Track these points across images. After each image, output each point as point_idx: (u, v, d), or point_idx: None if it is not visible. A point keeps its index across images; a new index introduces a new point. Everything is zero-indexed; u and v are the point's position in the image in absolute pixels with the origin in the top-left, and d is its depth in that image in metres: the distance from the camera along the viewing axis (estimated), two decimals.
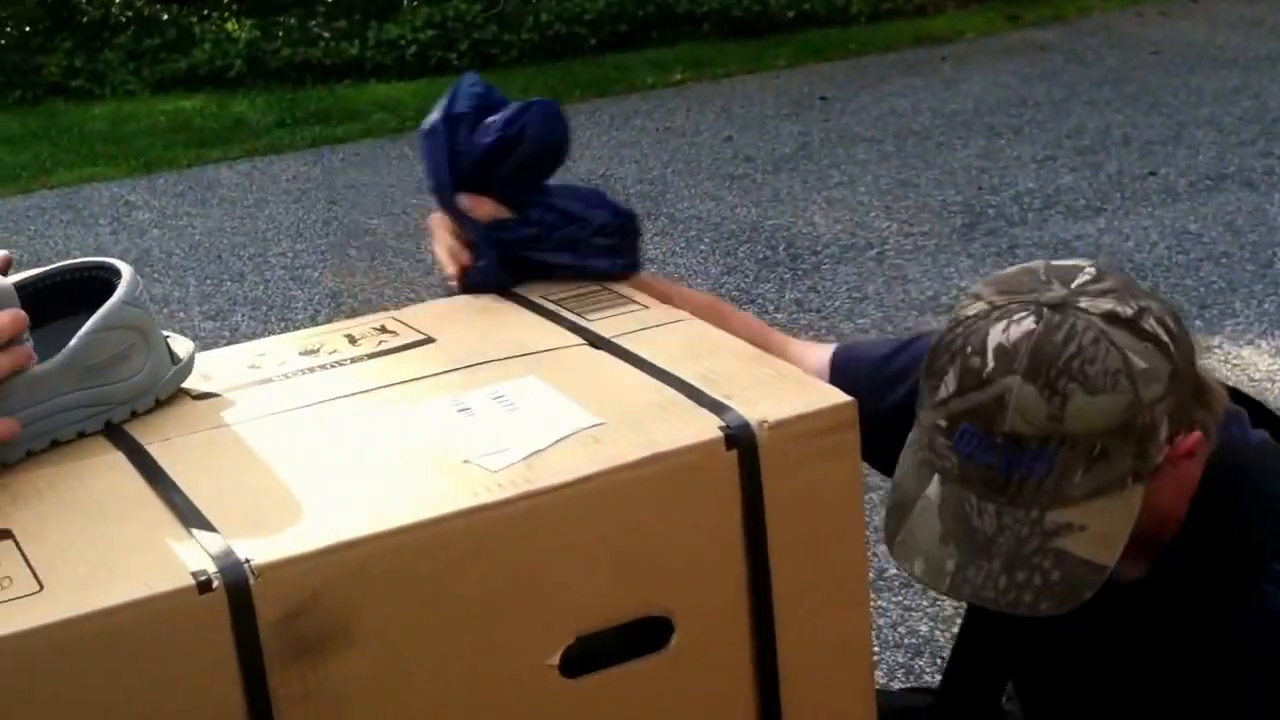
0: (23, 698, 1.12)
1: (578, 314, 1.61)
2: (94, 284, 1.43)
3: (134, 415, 1.40)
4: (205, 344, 5.54)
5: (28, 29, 12.03)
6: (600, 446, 1.32)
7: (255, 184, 8.16)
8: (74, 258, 5.27)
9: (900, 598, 3.72)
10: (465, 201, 1.71)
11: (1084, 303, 1.54)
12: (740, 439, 1.33)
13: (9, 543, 1.22)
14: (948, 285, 5.81)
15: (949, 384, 1.56)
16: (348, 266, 6.67)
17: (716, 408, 1.37)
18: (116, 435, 1.39)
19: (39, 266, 1.47)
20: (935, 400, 1.58)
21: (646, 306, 1.63)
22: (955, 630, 3.55)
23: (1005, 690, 2.02)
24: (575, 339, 1.55)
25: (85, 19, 12.40)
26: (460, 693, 1.28)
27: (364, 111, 9.54)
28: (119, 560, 1.19)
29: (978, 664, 2.00)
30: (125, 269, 1.43)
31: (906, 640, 3.59)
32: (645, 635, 1.35)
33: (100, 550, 1.20)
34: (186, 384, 1.48)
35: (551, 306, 1.64)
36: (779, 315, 5.61)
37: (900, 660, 3.52)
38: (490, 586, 1.27)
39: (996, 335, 1.54)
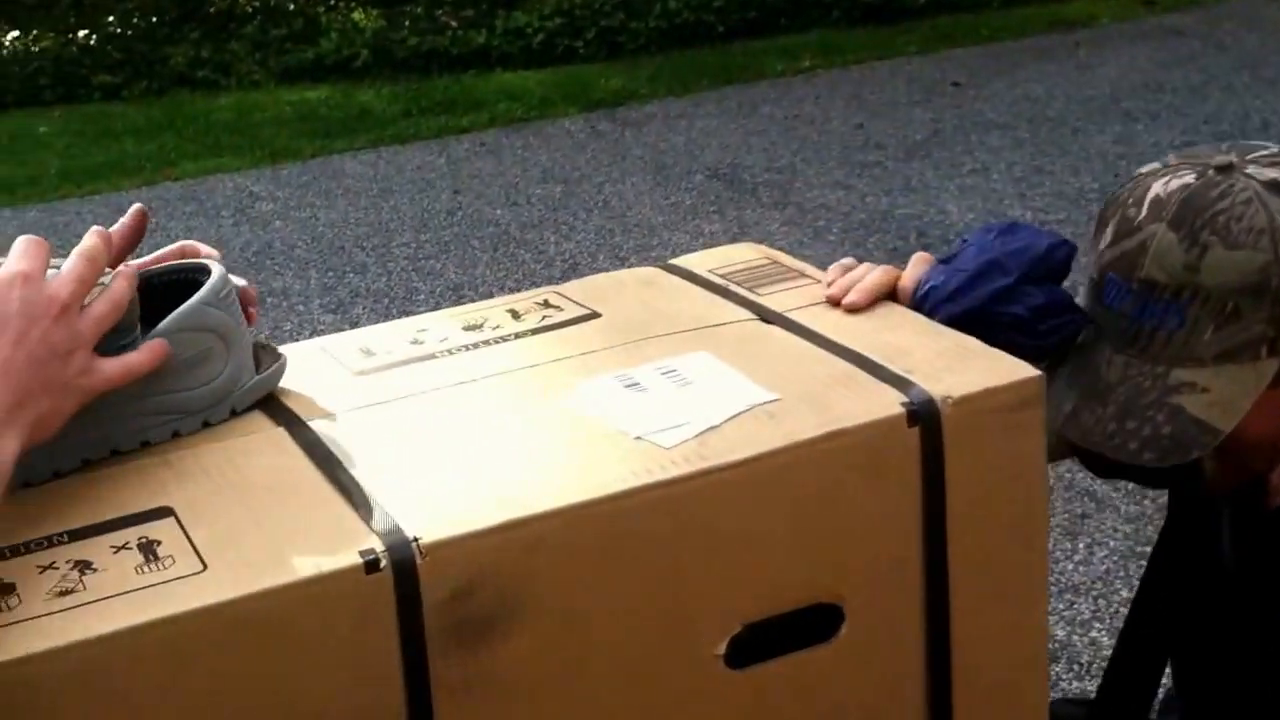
0: (185, 678, 1.09)
1: (748, 288, 1.56)
2: (189, 286, 1.36)
3: (206, 426, 1.33)
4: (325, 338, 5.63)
5: (154, 20, 12.14)
6: (776, 423, 1.27)
7: (380, 174, 8.15)
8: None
9: None
10: None
11: (1250, 169, 1.54)
12: (923, 415, 1.28)
13: (171, 520, 1.19)
14: (1084, 273, 5.69)
15: (1106, 236, 1.58)
16: (470, 258, 6.64)
17: (898, 382, 1.31)
18: (278, 411, 1.35)
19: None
20: (1095, 254, 1.60)
21: (819, 280, 1.57)
22: (1091, 635, 3.49)
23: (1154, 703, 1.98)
24: (746, 313, 1.50)
25: (212, 9, 12.50)
26: (624, 681, 1.24)
27: (490, 101, 9.53)
28: (284, 539, 1.15)
29: (1136, 669, 1.95)
30: (216, 269, 1.37)
31: None
32: (813, 623, 1.30)
33: (265, 530, 1.17)
34: (353, 361, 1.45)
35: (720, 281, 1.59)
36: None
37: None
38: (660, 568, 1.23)
39: (1156, 188, 1.55)
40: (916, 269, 1.54)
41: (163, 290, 1.37)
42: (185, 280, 1.38)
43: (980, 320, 1.48)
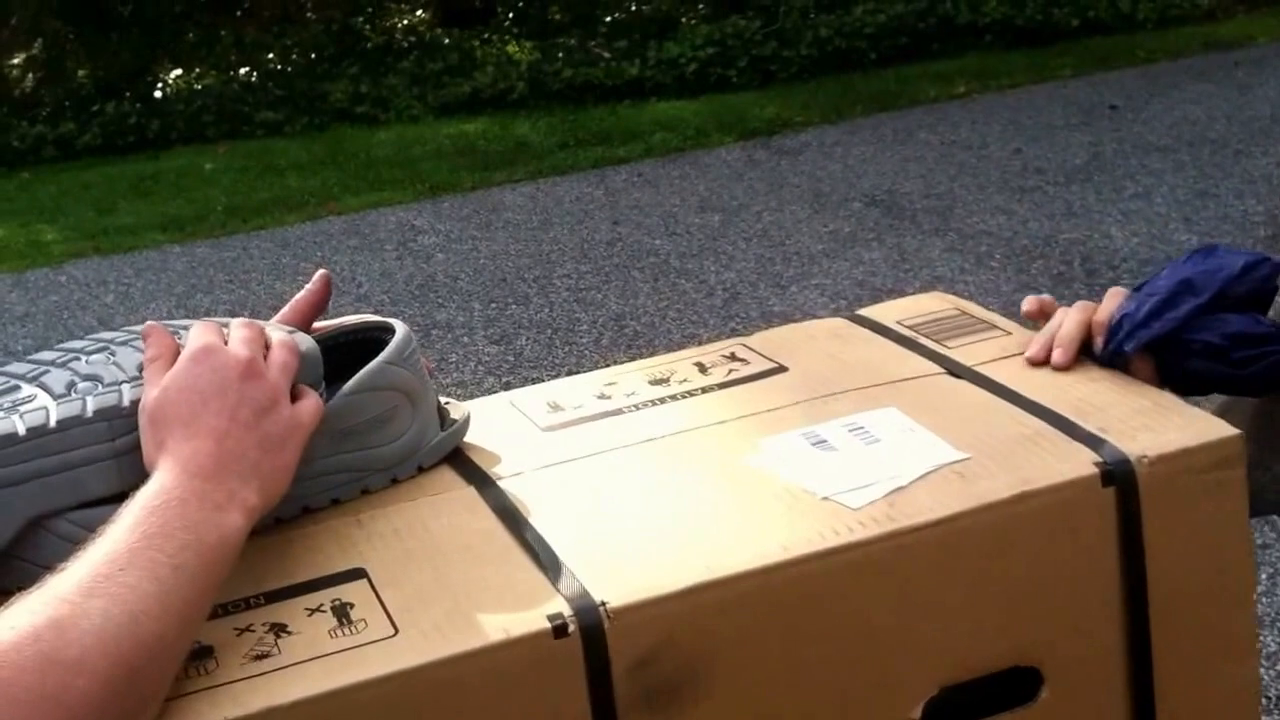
0: None
1: (937, 341, 1.54)
2: (372, 345, 1.38)
3: (394, 483, 1.34)
4: (489, 369, 5.66)
5: (313, 56, 12.33)
6: (966, 483, 1.25)
7: (539, 206, 8.20)
8: (359, 283, 5.35)
9: None
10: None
11: None
12: (1118, 475, 1.25)
13: (364, 582, 1.20)
14: None
15: None
16: (631, 288, 6.66)
17: (1091, 441, 1.29)
18: (469, 469, 1.36)
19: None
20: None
21: (1009, 333, 1.55)
22: (1278, 669, 3.41)
23: None
24: (934, 367, 1.48)
25: (370, 45, 12.68)
26: None
27: (645, 131, 9.57)
28: (473, 603, 1.15)
29: None
30: (400, 328, 1.37)
31: None
32: (1011, 687, 1.27)
33: (455, 593, 1.17)
34: (541, 416, 1.45)
35: (908, 333, 1.57)
36: None
37: None
38: (851, 631, 1.21)
39: None
40: (1111, 302, 1.50)
41: (347, 350, 1.39)
42: (368, 339, 1.39)
43: (1172, 347, 1.44)
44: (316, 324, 1.42)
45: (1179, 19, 11.06)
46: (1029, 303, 1.53)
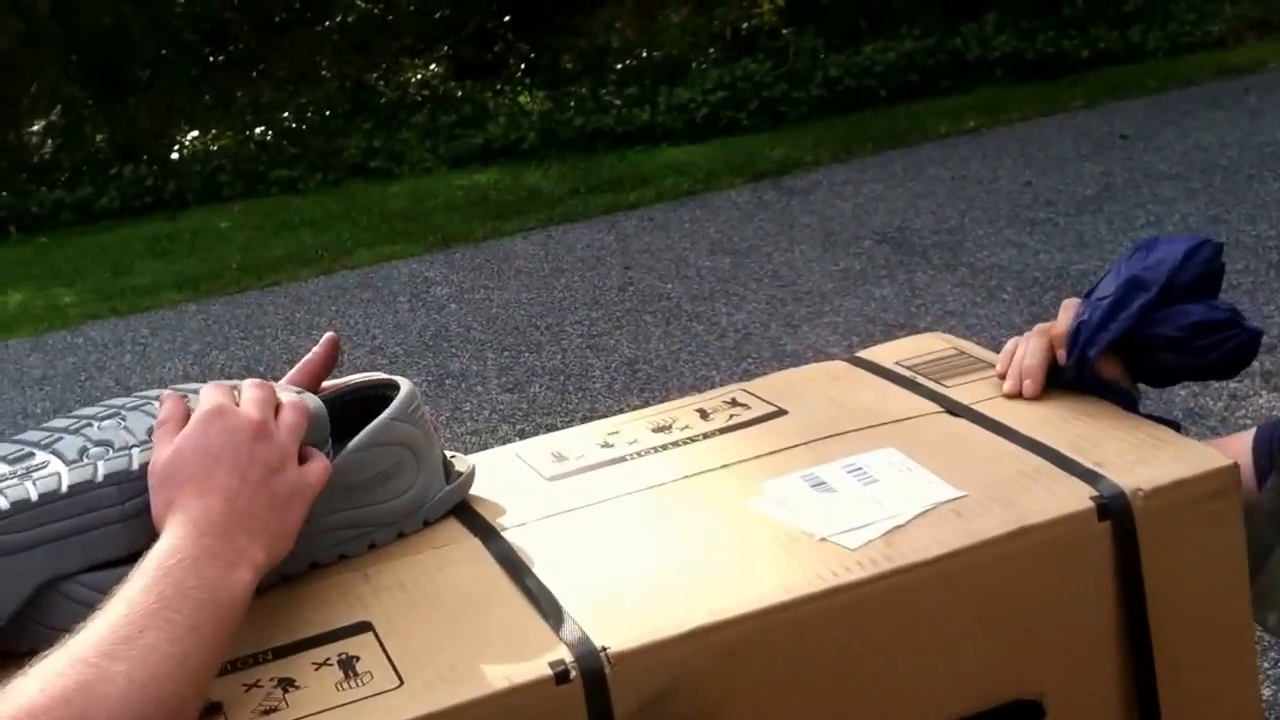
0: None
1: (935, 380, 1.56)
2: (378, 402, 1.40)
3: (401, 537, 1.36)
4: (503, 417, 5.66)
5: (328, 113, 12.39)
6: (964, 520, 1.27)
7: (550, 254, 8.22)
8: (373, 335, 5.36)
9: None
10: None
11: None
12: (1114, 509, 1.27)
13: (370, 635, 1.21)
14: (1267, 323, 5.60)
15: None
16: (644, 332, 6.66)
17: (1087, 476, 1.30)
18: (473, 521, 1.38)
19: (339, 348, 1.45)
20: None
21: None
22: None
23: None
24: (933, 406, 1.50)
25: (383, 100, 12.73)
26: None
27: (656, 176, 9.59)
28: (477, 652, 1.17)
29: None
30: (405, 384, 1.39)
31: None
32: (1015, 719, 1.28)
33: (459, 643, 1.19)
34: (545, 466, 1.46)
35: (907, 373, 1.59)
36: None
37: None
38: (853, 671, 1.22)
39: None
40: (1066, 315, 1.51)
41: (353, 407, 1.40)
42: (374, 396, 1.41)
43: (1135, 344, 1.46)
44: (325, 383, 1.44)
45: (1190, 47, 11.05)
46: (1003, 359, 1.55)
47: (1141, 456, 1.33)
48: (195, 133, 12.71)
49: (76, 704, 1.03)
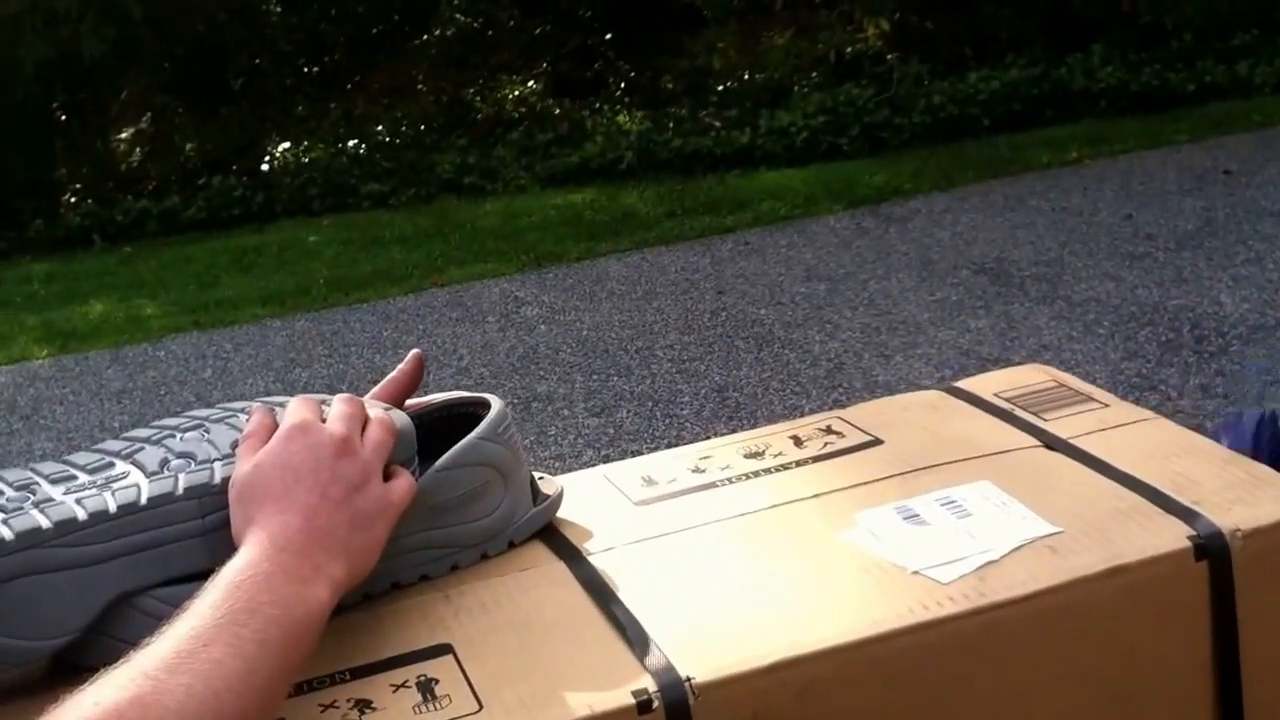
0: None
1: (1034, 413, 1.53)
2: (468, 420, 1.38)
3: (484, 558, 1.34)
4: (589, 442, 5.66)
5: (422, 129, 12.44)
6: (1058, 557, 1.24)
7: (643, 276, 8.21)
8: (460, 356, 5.38)
9: None
10: None
11: None
12: (1211, 549, 1.24)
13: (449, 658, 1.20)
14: None
15: None
16: (735, 359, 6.64)
17: (1185, 514, 1.27)
18: (559, 544, 1.36)
19: (426, 368, 1.45)
20: None
21: (1107, 405, 1.54)
22: None
23: None
24: (1030, 440, 1.47)
25: (480, 116, 12.79)
26: None
27: (753, 200, 9.57)
28: (559, 679, 1.15)
29: None
30: (496, 403, 1.38)
31: None
32: None
33: (540, 668, 1.17)
34: (634, 490, 1.45)
35: (1005, 405, 1.56)
36: (1183, 402, 5.40)
37: None
38: (941, 709, 1.20)
39: None
40: None
41: (442, 425, 1.39)
42: (464, 414, 1.40)
43: None
44: (411, 401, 1.43)
45: None
46: None
47: (1241, 496, 1.30)
48: (286, 144, 12.79)
49: (130, 717, 1.01)
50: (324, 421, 1.26)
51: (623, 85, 13.38)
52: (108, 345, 8.25)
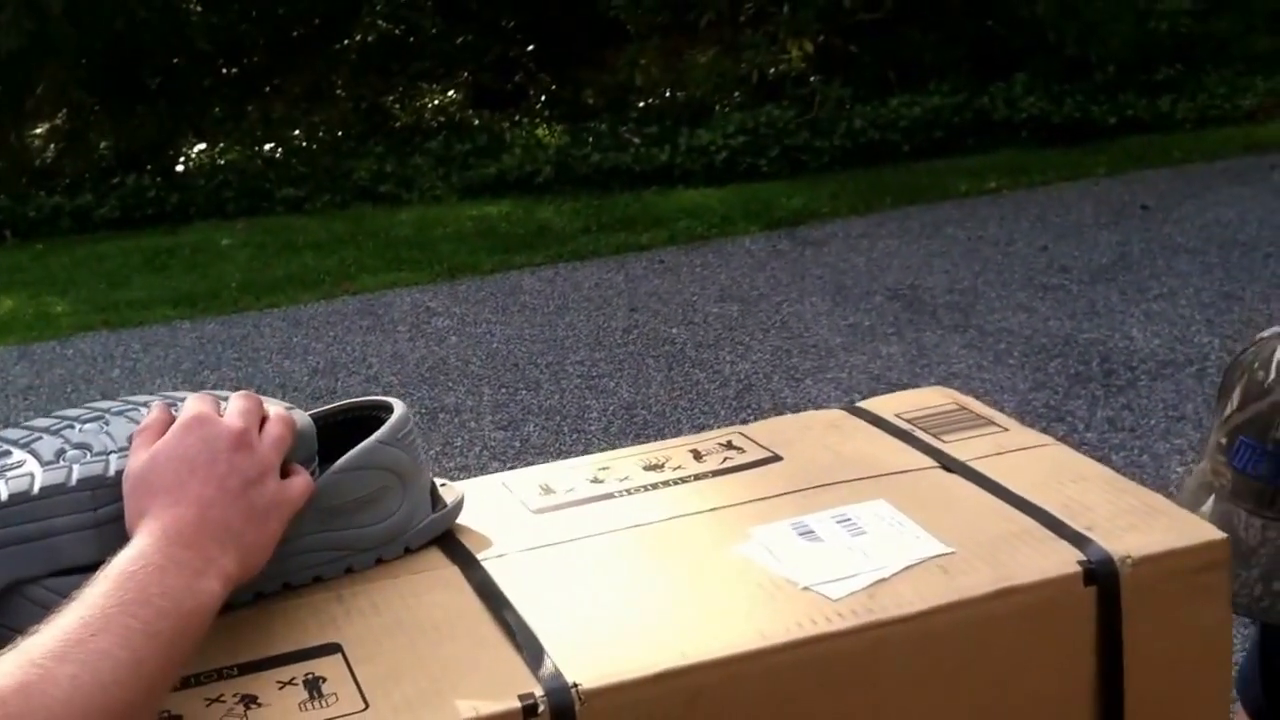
0: None
1: (933, 434, 1.54)
2: (371, 423, 1.37)
3: (379, 562, 1.33)
4: (494, 454, 5.65)
5: (340, 134, 12.39)
6: (948, 577, 1.25)
7: (557, 291, 8.22)
8: (370, 364, 5.37)
9: None
10: None
11: None
12: (1100, 574, 1.25)
13: (338, 657, 1.19)
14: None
15: (1234, 400, 1.59)
16: (645, 377, 6.66)
17: (1076, 540, 1.28)
18: (454, 549, 1.36)
19: (334, 375, 1.44)
20: (1221, 418, 1.61)
21: (1006, 429, 1.55)
22: None
23: None
24: (928, 461, 1.48)
25: (398, 124, 12.75)
26: None
27: (670, 218, 9.60)
28: (446, 681, 1.15)
29: None
30: (399, 407, 1.37)
31: None
32: None
33: (429, 670, 1.17)
34: (532, 498, 1.45)
35: (905, 426, 1.57)
36: (1089, 434, 5.46)
37: None
38: None
39: None
40: None
41: (345, 428, 1.39)
42: (367, 418, 1.39)
43: None
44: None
45: (1219, 119, 11.02)
46: None
47: (1134, 523, 1.31)
48: (202, 145, 12.71)
49: (13, 705, 1.00)
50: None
51: (543, 98, 13.39)
52: (16, 341, 8.19)
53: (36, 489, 1.20)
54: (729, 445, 1.55)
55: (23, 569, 1.19)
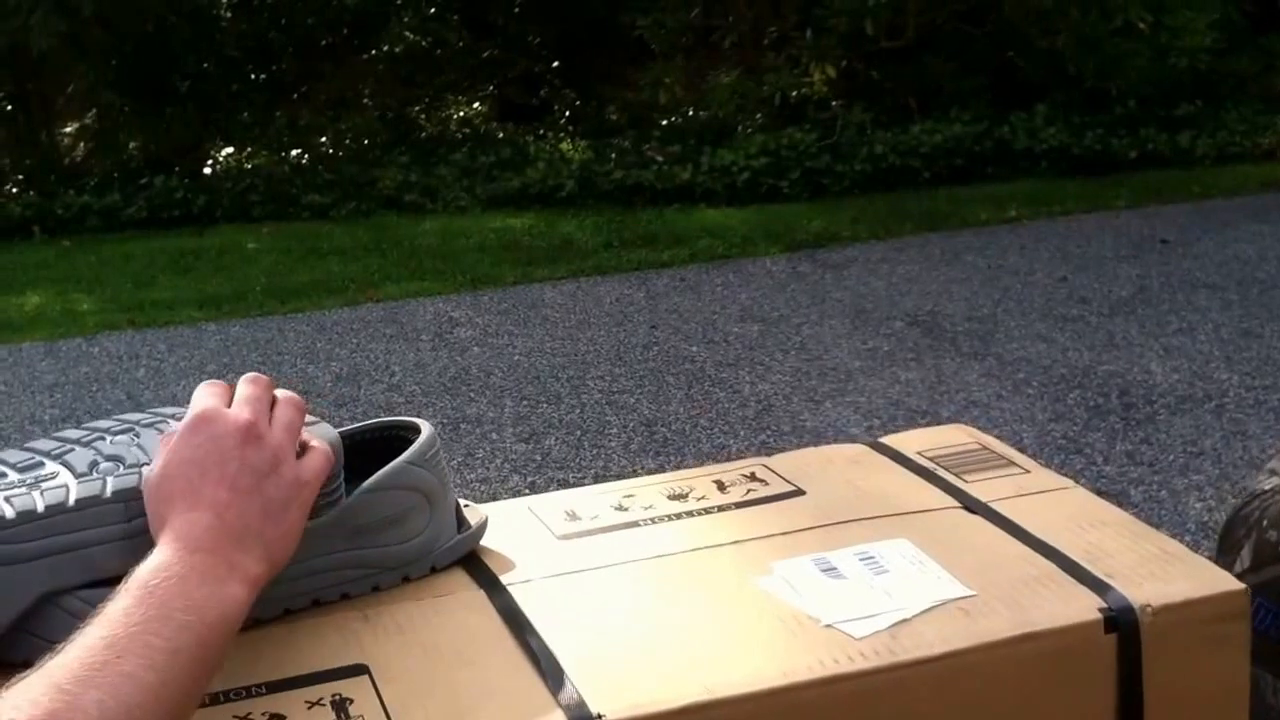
0: None
1: (956, 474, 1.55)
2: (397, 444, 1.39)
3: (406, 581, 1.35)
4: (515, 467, 5.65)
5: (366, 143, 12.42)
6: (970, 620, 1.26)
7: (579, 305, 8.22)
8: (392, 372, 5.38)
9: None
10: None
11: None
12: (1121, 622, 1.25)
13: (365, 679, 1.20)
14: None
15: (1244, 559, 1.56)
16: (665, 394, 6.66)
17: (1097, 586, 1.29)
18: (480, 573, 1.37)
19: (357, 382, 1.46)
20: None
21: (1027, 470, 1.56)
22: None
23: None
24: (951, 501, 1.49)
25: (424, 134, 12.77)
26: None
27: (691, 236, 9.60)
28: (471, 705, 1.16)
29: None
30: (426, 428, 1.39)
31: None
32: None
33: (454, 694, 1.18)
34: (558, 524, 1.46)
35: (928, 464, 1.58)
36: (1108, 468, 5.45)
37: None
38: None
39: None
40: None
41: (372, 446, 1.40)
42: (393, 438, 1.41)
43: None
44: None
45: (1238, 156, 11.04)
46: None
47: (1154, 571, 1.32)
48: (230, 149, 12.74)
49: None
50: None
51: (567, 113, 13.41)
52: (43, 337, 8.20)
53: (72, 501, 1.21)
54: (752, 477, 1.56)
55: (58, 580, 1.20)
